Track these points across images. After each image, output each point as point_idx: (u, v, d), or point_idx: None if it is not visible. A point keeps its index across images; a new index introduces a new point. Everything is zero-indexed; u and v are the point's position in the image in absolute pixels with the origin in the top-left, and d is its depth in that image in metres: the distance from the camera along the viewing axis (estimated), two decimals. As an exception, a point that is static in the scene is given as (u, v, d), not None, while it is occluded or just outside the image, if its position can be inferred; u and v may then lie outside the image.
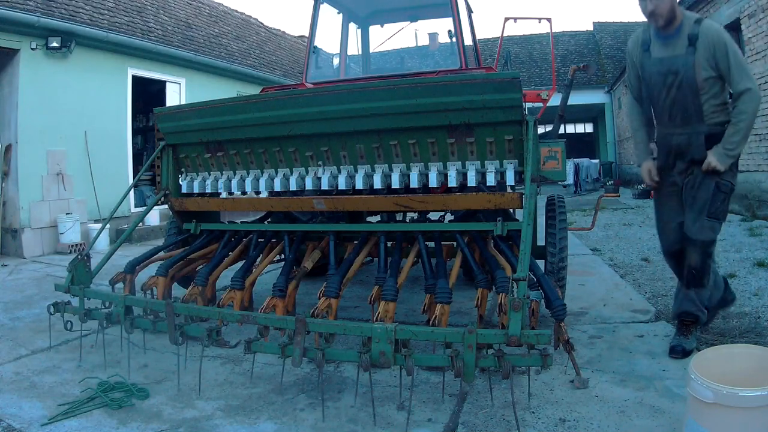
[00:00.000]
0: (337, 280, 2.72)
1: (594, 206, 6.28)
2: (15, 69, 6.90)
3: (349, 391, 2.47)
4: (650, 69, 2.71)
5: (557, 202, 3.51)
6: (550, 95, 4.59)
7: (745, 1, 8.71)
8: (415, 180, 2.97)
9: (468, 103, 2.75)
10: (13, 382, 2.67)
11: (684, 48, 2.58)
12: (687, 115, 2.64)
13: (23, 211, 6.95)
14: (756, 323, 3.15)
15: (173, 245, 3.68)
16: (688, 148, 2.67)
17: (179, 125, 3.47)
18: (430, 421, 2.16)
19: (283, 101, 3.22)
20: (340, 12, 5.51)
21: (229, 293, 2.93)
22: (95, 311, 2.88)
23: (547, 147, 3.03)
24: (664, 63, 2.64)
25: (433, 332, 2.12)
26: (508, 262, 2.78)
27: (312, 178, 3.17)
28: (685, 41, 2.57)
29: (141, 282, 3.24)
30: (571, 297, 3.77)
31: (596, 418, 2.12)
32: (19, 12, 6.53)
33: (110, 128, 8.14)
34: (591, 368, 2.62)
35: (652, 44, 2.71)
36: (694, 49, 2.55)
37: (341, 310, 3.39)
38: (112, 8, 8.45)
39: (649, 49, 2.72)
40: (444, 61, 5.45)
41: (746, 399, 1.55)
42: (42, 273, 5.74)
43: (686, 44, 2.57)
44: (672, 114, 2.69)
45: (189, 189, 3.61)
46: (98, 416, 2.27)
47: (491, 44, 15.22)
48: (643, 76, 2.77)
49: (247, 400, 2.41)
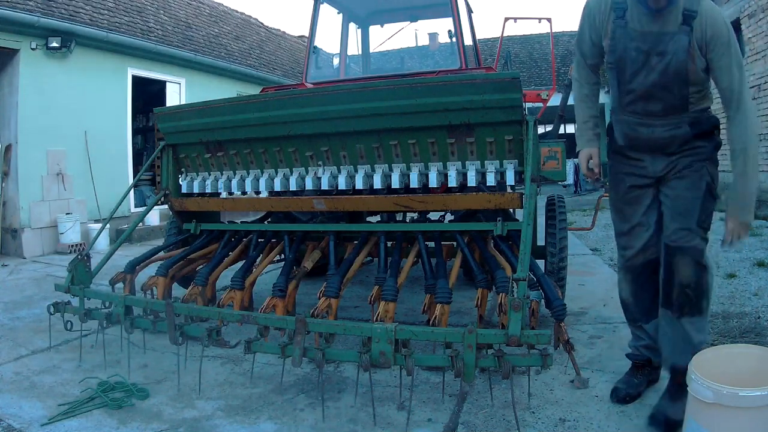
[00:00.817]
0: (337, 280, 2.72)
1: (594, 206, 6.28)
2: (15, 69, 6.90)
3: (349, 391, 2.47)
4: (624, 42, 2.08)
5: (557, 202, 3.52)
6: (550, 95, 4.59)
7: (745, 1, 8.71)
8: (415, 180, 2.97)
9: (468, 103, 2.75)
10: (13, 382, 2.67)
11: (677, 24, 1.99)
12: (669, 105, 2.08)
13: (23, 211, 6.95)
14: (756, 323, 3.15)
15: (173, 245, 3.68)
16: (670, 142, 2.13)
17: (179, 125, 3.47)
18: (430, 421, 2.16)
19: (283, 101, 3.22)
20: (340, 12, 5.51)
21: (229, 293, 2.93)
22: (95, 311, 2.88)
23: (547, 147, 3.03)
24: (646, 39, 2.02)
25: (433, 332, 2.12)
26: (508, 262, 2.78)
27: (312, 178, 3.17)
28: (679, 17, 1.98)
29: (141, 282, 3.23)
30: (571, 297, 3.77)
31: (596, 418, 2.12)
32: (19, 12, 6.53)
33: (110, 128, 8.13)
34: (591, 368, 2.62)
35: (629, 10, 2.06)
36: (690, 28, 1.96)
37: (341, 310, 3.38)
38: (112, 8, 8.45)
39: (624, 15, 2.07)
40: (444, 61, 5.45)
41: (746, 399, 1.55)
42: (42, 273, 5.74)
43: (680, 20, 1.98)
44: (649, 102, 2.10)
45: (189, 189, 3.61)
46: (98, 416, 2.27)
47: (491, 44, 15.21)
48: (611, 49, 2.12)
49: (247, 400, 2.41)
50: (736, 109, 1.99)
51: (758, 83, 8.44)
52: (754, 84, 8.46)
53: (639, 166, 2.21)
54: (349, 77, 5.20)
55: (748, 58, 8.74)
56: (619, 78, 2.14)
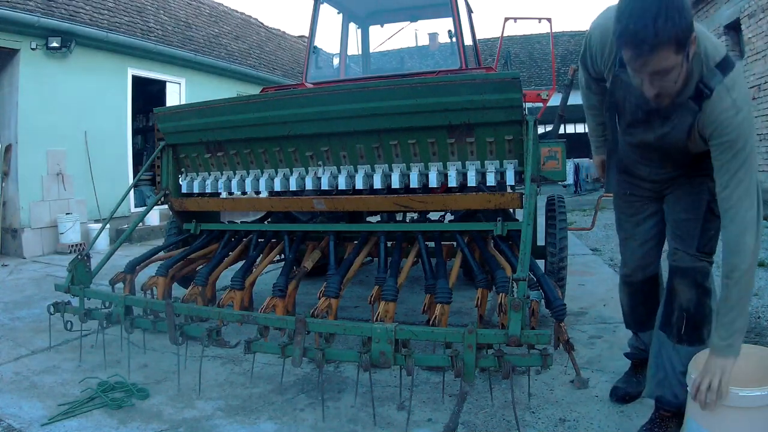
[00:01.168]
0: (337, 280, 2.72)
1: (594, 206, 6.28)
2: (15, 69, 6.90)
3: (349, 391, 2.47)
4: (624, 93, 1.79)
5: (557, 202, 3.51)
6: (550, 95, 4.60)
7: (745, 1, 8.71)
8: (415, 180, 2.97)
9: (468, 103, 2.75)
10: (13, 382, 2.67)
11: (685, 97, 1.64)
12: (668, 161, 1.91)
13: (23, 211, 6.95)
14: (756, 323, 3.15)
15: (173, 245, 3.68)
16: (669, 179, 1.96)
17: (179, 125, 3.47)
18: (430, 421, 2.16)
19: (283, 101, 3.22)
20: (340, 12, 5.51)
21: (229, 293, 2.93)
22: (95, 311, 2.88)
23: (547, 147, 3.03)
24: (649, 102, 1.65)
25: (433, 332, 2.12)
26: (508, 262, 2.78)
27: (312, 178, 3.17)
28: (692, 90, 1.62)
29: (141, 282, 3.23)
30: (571, 297, 3.77)
31: (596, 418, 2.12)
32: (19, 12, 6.53)
33: (110, 128, 8.13)
34: (591, 368, 2.62)
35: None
36: (699, 108, 1.62)
37: (341, 310, 3.39)
38: (112, 8, 8.45)
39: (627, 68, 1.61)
40: (444, 61, 5.45)
41: (746, 399, 1.55)
42: (42, 273, 5.74)
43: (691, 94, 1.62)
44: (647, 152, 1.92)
45: (189, 189, 3.61)
46: (98, 416, 2.27)
47: (491, 44, 15.21)
48: (610, 91, 1.85)
49: (247, 400, 2.41)
50: (730, 221, 1.61)
51: (758, 83, 8.45)
52: (754, 84, 8.46)
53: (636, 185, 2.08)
54: (349, 77, 5.20)
55: (748, 58, 8.74)
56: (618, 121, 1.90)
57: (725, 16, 9.45)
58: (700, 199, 1.87)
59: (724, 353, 1.58)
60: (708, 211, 1.85)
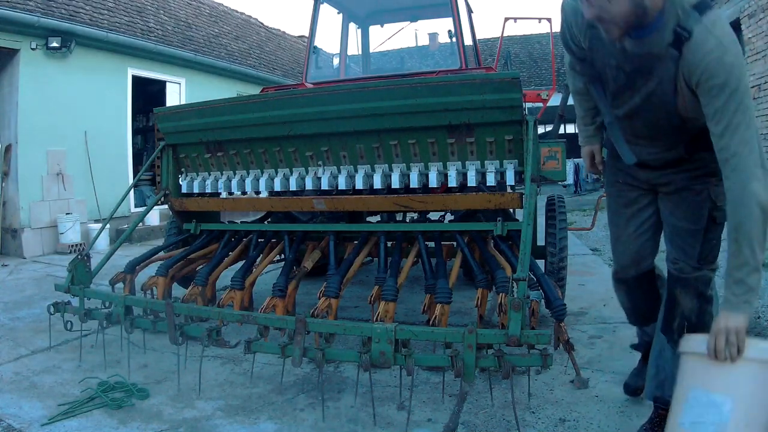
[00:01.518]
0: (337, 280, 2.72)
1: (594, 206, 6.28)
2: (15, 69, 6.90)
3: (349, 391, 2.47)
4: (603, 58, 1.72)
5: (557, 202, 3.51)
6: (550, 95, 4.60)
7: (745, 1, 8.71)
8: (415, 180, 2.97)
9: (468, 103, 2.75)
10: (13, 382, 2.67)
11: (663, 45, 1.53)
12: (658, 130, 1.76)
13: (23, 211, 6.95)
14: (756, 323, 3.15)
15: (173, 245, 3.68)
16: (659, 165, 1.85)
17: (179, 125, 3.47)
18: (430, 421, 2.16)
19: (283, 101, 3.22)
20: (340, 12, 5.51)
21: (229, 293, 2.93)
22: (95, 311, 2.88)
23: (547, 147, 3.04)
24: (629, 58, 1.63)
25: (433, 332, 2.12)
26: (508, 262, 2.78)
27: (312, 178, 3.17)
28: (669, 35, 1.51)
29: (141, 282, 3.23)
30: (571, 297, 3.77)
31: (596, 418, 2.12)
32: (19, 12, 6.53)
33: (110, 128, 8.13)
34: (591, 368, 2.62)
35: None
36: (679, 54, 1.52)
37: (341, 310, 3.38)
38: (112, 8, 8.45)
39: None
40: (444, 61, 5.46)
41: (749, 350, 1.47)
42: (42, 273, 5.74)
43: (669, 39, 1.52)
44: (634, 122, 1.79)
45: (189, 189, 3.61)
46: (98, 416, 2.27)
47: (491, 44, 15.20)
48: (590, 61, 1.80)
49: (247, 400, 2.41)
50: (732, 170, 1.50)
51: (758, 83, 8.44)
52: (754, 84, 8.46)
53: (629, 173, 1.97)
54: (349, 77, 5.20)
55: (748, 58, 8.73)
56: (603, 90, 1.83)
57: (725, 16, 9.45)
58: (702, 208, 1.78)
59: (741, 309, 1.52)
60: (710, 221, 1.77)
